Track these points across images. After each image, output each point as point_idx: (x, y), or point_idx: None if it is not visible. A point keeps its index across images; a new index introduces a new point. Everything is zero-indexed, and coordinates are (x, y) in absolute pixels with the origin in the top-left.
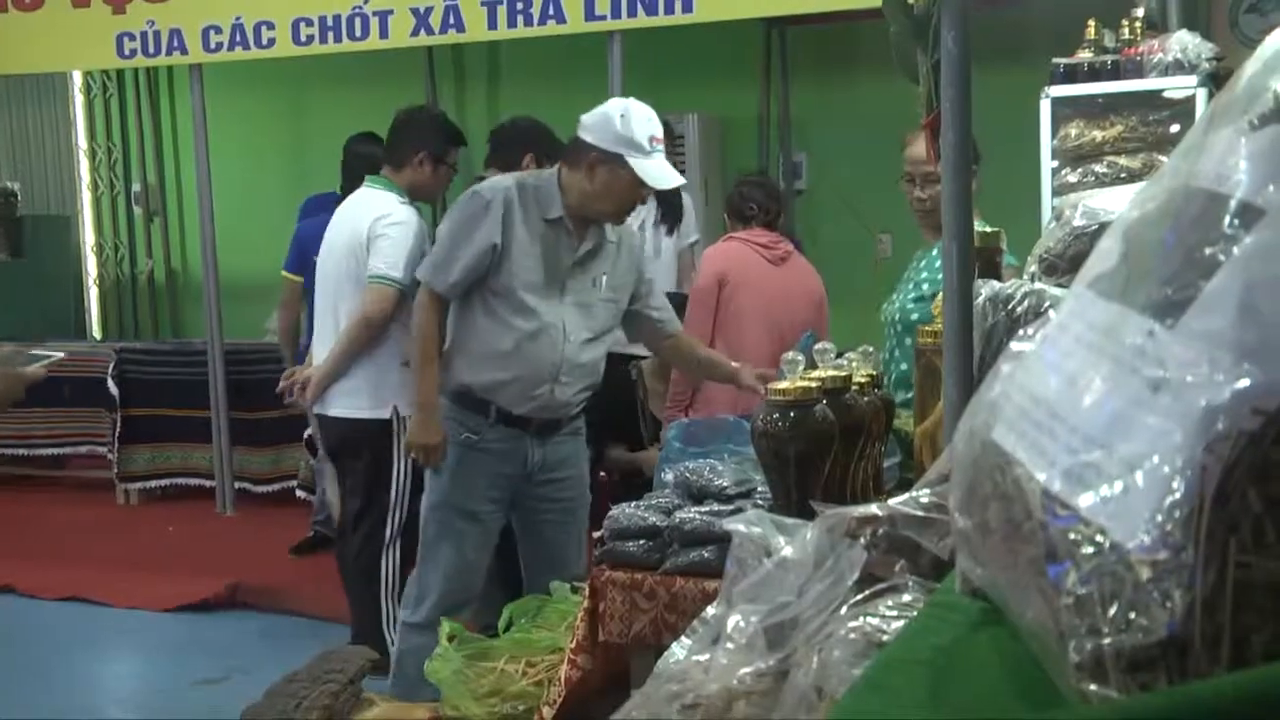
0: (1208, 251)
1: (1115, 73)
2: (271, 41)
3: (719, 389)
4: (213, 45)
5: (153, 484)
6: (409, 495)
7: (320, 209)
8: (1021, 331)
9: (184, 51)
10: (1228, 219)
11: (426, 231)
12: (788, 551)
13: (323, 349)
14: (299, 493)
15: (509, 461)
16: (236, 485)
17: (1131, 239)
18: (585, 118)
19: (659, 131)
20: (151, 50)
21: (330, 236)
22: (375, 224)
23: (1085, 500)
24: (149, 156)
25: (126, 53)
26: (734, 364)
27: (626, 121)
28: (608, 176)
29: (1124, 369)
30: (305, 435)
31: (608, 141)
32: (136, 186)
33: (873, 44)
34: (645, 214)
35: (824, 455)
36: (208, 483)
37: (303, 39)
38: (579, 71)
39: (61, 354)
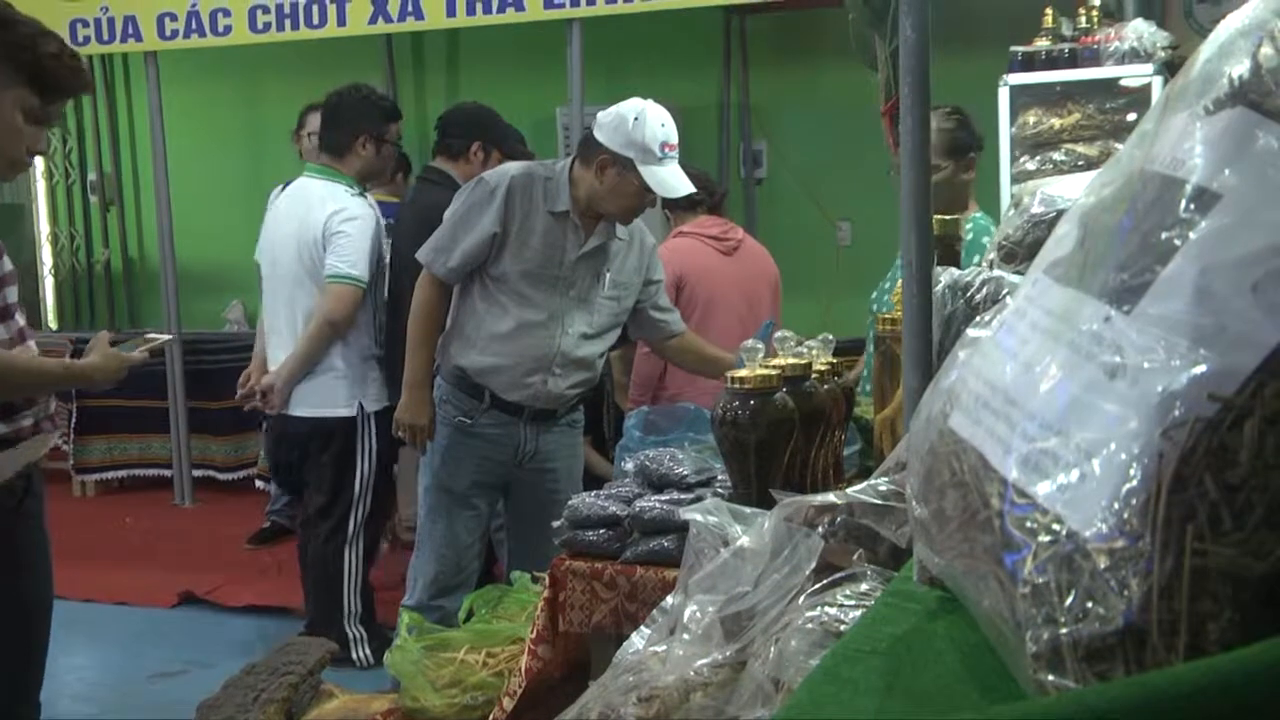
0: (1164, 236)
1: (1072, 61)
2: (228, 29)
3: (685, 387)
4: (168, 32)
5: (109, 475)
6: (374, 491)
7: None
8: (979, 318)
9: (139, 39)
10: (1183, 203)
11: (382, 223)
12: (745, 541)
13: (280, 350)
14: (258, 483)
15: (501, 447)
16: (200, 473)
17: (1088, 224)
18: (601, 115)
19: (673, 138)
20: (106, 37)
21: (278, 232)
22: (331, 220)
23: (1042, 488)
24: (104, 145)
25: (80, 39)
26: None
27: (640, 126)
28: (616, 179)
29: (1080, 355)
30: (264, 425)
31: (618, 144)
32: (92, 175)
33: (833, 31)
34: None
35: (784, 443)
36: (166, 473)
37: (259, 26)
38: (539, 60)
39: (169, 336)
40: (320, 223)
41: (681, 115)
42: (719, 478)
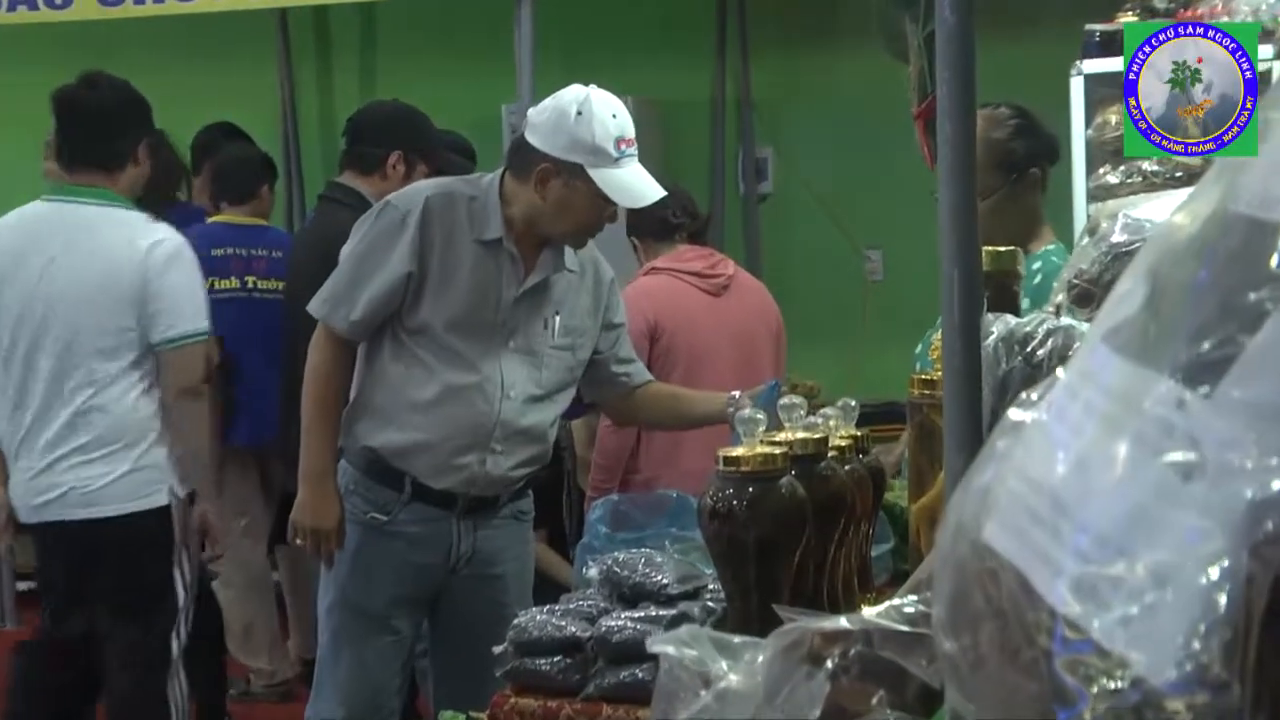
0: (1251, 297)
1: None
2: (69, 1)
3: (664, 468)
4: None
5: None
6: (198, 601)
7: (188, 221)
8: (1024, 394)
9: None
10: (1277, 256)
11: None
12: (732, 680)
13: (41, 439)
14: None
15: (427, 550)
16: (26, 586)
17: (1158, 278)
18: (533, 113)
19: (628, 130)
20: None
21: (49, 288)
22: (151, 259)
23: (1100, 622)
24: None
25: None
26: (730, 395)
27: (585, 120)
28: (562, 191)
29: (1147, 450)
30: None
31: (561, 147)
32: None
33: (853, 11)
34: None
35: (793, 542)
36: None
37: None
38: (478, 44)
39: None
40: (136, 264)
41: (664, 114)
42: (710, 587)
